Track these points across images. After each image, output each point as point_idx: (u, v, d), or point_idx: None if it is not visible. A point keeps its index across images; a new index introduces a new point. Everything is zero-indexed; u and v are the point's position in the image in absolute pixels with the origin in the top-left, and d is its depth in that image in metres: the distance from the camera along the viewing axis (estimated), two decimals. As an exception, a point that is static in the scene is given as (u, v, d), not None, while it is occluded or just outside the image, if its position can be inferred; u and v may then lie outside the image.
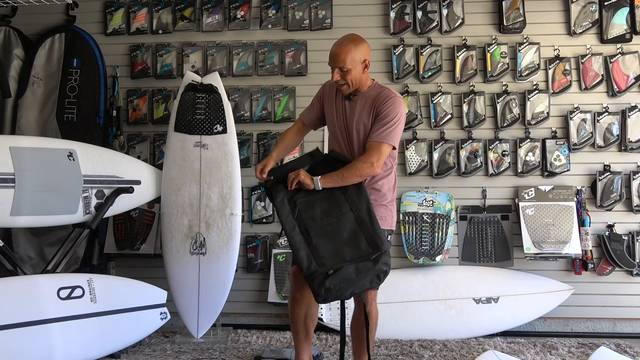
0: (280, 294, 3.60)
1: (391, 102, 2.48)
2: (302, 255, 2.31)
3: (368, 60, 2.51)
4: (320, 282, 2.23)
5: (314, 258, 2.31)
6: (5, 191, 2.83)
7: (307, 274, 2.28)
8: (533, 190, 3.62)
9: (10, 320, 2.66)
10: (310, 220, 2.39)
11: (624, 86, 3.62)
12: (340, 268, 2.25)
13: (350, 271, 2.25)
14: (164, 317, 3.25)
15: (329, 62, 2.52)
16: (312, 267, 2.28)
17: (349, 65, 2.45)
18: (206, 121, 3.39)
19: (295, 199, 2.44)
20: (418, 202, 3.66)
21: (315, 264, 2.29)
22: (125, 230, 3.72)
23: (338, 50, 2.48)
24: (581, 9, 3.67)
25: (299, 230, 2.38)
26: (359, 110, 2.54)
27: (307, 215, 2.40)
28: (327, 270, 2.25)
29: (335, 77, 2.48)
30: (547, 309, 3.50)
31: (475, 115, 3.68)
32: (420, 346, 3.28)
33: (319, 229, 2.37)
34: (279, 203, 2.44)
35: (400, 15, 3.76)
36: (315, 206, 2.42)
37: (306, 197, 2.43)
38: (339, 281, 2.23)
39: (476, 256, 3.64)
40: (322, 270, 2.26)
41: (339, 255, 2.31)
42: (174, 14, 3.89)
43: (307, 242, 2.34)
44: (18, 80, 3.82)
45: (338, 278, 2.23)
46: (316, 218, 2.40)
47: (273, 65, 3.82)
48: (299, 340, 2.60)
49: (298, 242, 2.35)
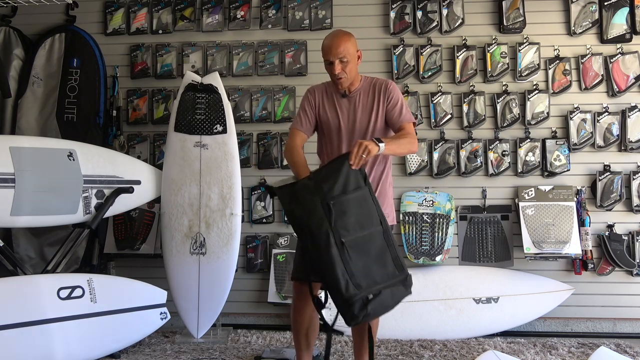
0: (280, 294, 3.60)
1: (392, 86, 2.53)
2: (337, 274, 2.03)
3: (360, 52, 2.53)
4: (360, 307, 2.02)
5: (350, 278, 2.04)
6: (5, 191, 2.83)
7: (345, 297, 2.02)
8: (533, 190, 3.62)
9: (10, 320, 2.66)
10: (344, 230, 2.09)
11: (624, 86, 3.62)
12: (379, 293, 2.06)
13: (387, 296, 2.08)
14: (164, 317, 3.25)
15: (327, 55, 2.47)
16: (351, 290, 2.02)
17: (348, 57, 2.44)
18: (206, 121, 3.39)
19: (328, 200, 2.11)
20: (418, 202, 3.66)
21: (353, 285, 2.04)
22: (125, 230, 3.72)
23: (336, 42, 2.46)
24: (581, 9, 3.67)
25: (334, 241, 2.06)
26: (361, 104, 2.51)
27: (341, 223, 2.09)
28: (367, 295, 2.03)
29: (337, 69, 2.43)
30: (547, 309, 3.50)
31: (475, 115, 3.68)
32: (420, 346, 3.28)
33: (351, 241, 2.09)
34: (308, 205, 2.11)
35: (400, 15, 3.76)
36: (348, 213, 2.12)
37: (339, 199, 2.12)
38: (377, 306, 2.06)
39: (476, 256, 3.64)
40: (361, 293, 2.03)
41: (369, 275, 2.08)
42: (174, 14, 3.89)
43: (342, 257, 2.06)
44: (18, 80, 3.83)
45: (377, 303, 2.05)
46: (349, 228, 2.10)
47: (273, 65, 3.82)
48: (301, 350, 2.55)
49: (334, 257, 2.04)
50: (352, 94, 2.54)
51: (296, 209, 2.15)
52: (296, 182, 2.22)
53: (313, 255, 2.12)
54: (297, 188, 2.18)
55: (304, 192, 2.14)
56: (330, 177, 2.15)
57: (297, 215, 2.15)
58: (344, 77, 2.46)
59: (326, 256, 2.06)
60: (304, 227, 2.13)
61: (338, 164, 2.19)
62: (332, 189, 2.13)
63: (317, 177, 2.18)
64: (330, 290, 2.10)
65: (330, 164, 2.23)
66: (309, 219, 2.11)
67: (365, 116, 2.50)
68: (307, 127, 2.58)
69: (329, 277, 2.07)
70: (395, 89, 2.53)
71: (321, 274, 2.11)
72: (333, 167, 2.19)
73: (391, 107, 2.49)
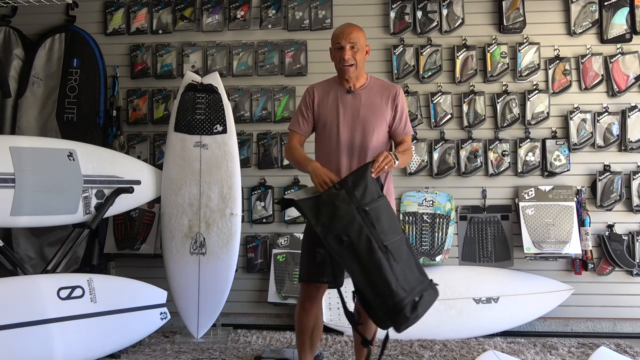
0: (280, 294, 3.60)
1: (402, 94, 2.55)
2: (388, 278, 2.05)
3: (369, 48, 2.54)
4: (411, 310, 2.05)
5: (397, 280, 2.06)
6: (5, 191, 2.83)
7: (396, 300, 2.04)
8: (533, 190, 3.62)
9: (10, 320, 2.66)
10: (383, 235, 2.12)
11: (624, 86, 3.62)
12: (421, 296, 2.09)
13: (427, 298, 2.12)
14: (164, 317, 3.25)
15: (338, 39, 2.45)
16: (401, 293, 2.05)
17: (358, 45, 2.44)
18: (206, 121, 3.39)
19: (363, 205, 2.14)
20: (418, 202, 3.66)
21: (401, 289, 2.06)
22: (125, 230, 3.72)
23: (349, 29, 2.46)
24: (581, 9, 3.67)
25: (377, 246, 2.09)
26: (368, 102, 2.48)
27: (379, 228, 2.12)
28: (413, 298, 2.07)
29: (347, 54, 2.42)
30: (547, 309, 3.50)
31: (475, 115, 3.68)
32: (420, 346, 3.28)
33: (390, 246, 2.12)
34: (343, 213, 2.11)
35: (400, 15, 3.76)
36: (382, 219, 2.16)
37: (373, 205, 2.16)
38: (422, 308, 2.10)
39: (476, 256, 3.64)
40: (409, 296, 2.06)
41: (407, 279, 2.11)
42: (174, 14, 3.89)
43: (388, 260, 2.08)
44: (18, 80, 3.83)
45: (422, 305, 2.09)
46: (386, 232, 2.14)
47: (273, 65, 3.82)
48: (304, 351, 2.52)
49: (381, 261, 2.06)
50: (358, 90, 2.51)
51: (326, 220, 2.13)
52: (321, 194, 2.20)
53: (351, 266, 2.10)
54: (324, 199, 2.17)
55: (337, 201, 2.15)
56: (359, 184, 2.18)
57: (329, 226, 2.12)
58: (353, 63, 2.44)
59: (370, 262, 2.07)
60: (341, 236, 2.10)
61: (363, 172, 2.22)
62: (364, 195, 2.16)
63: (347, 186, 2.18)
64: (378, 296, 2.08)
65: (356, 172, 2.25)
66: (347, 228, 2.11)
67: (370, 114, 2.47)
68: (305, 128, 2.57)
69: (377, 283, 2.07)
70: (404, 98, 2.57)
71: (366, 282, 2.10)
72: (359, 175, 2.21)
73: (398, 116, 2.51)
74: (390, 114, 2.49)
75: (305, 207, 2.19)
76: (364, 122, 2.46)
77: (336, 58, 2.49)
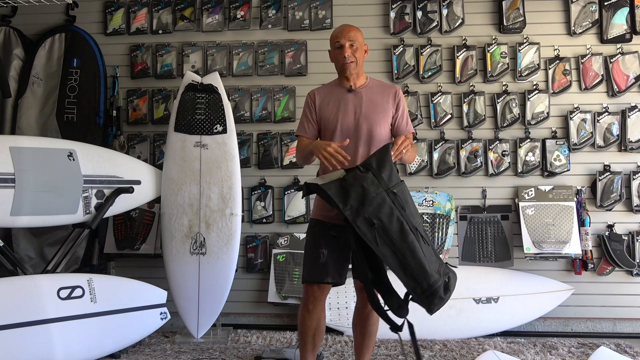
0: (280, 294, 3.60)
1: (401, 93, 2.56)
2: (422, 260, 2.06)
3: (367, 47, 2.57)
4: (444, 290, 2.08)
5: (429, 263, 2.08)
6: (5, 191, 2.83)
7: (430, 282, 2.06)
8: (533, 190, 3.62)
9: (10, 320, 2.66)
10: (412, 217, 2.13)
11: (624, 86, 3.62)
12: (449, 277, 2.12)
13: (453, 280, 2.15)
14: (164, 317, 3.25)
15: (337, 38, 2.47)
16: (435, 275, 2.07)
17: (357, 44, 2.47)
18: (206, 121, 3.39)
19: (392, 187, 2.14)
20: (418, 202, 3.66)
21: (434, 270, 2.08)
22: (125, 230, 3.72)
23: (347, 28, 2.50)
24: (581, 9, 3.67)
25: (409, 228, 2.09)
26: (369, 100, 2.48)
27: (408, 210, 2.14)
28: (445, 279, 2.10)
29: (347, 51, 2.44)
30: (547, 309, 3.50)
31: (475, 115, 3.68)
32: (420, 346, 3.27)
33: (419, 227, 2.14)
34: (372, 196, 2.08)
35: (400, 15, 3.76)
36: (409, 201, 2.18)
37: (400, 187, 2.18)
38: (451, 291, 2.13)
39: (476, 256, 3.64)
40: (441, 278, 2.09)
41: (433, 261, 2.12)
42: (174, 14, 3.89)
43: (420, 243, 2.09)
44: (18, 80, 3.83)
45: (451, 287, 2.13)
46: (415, 215, 2.17)
47: (273, 65, 3.82)
48: (306, 351, 2.52)
49: (414, 243, 2.06)
50: (358, 89, 2.51)
51: (356, 204, 2.08)
52: (345, 177, 2.15)
53: (382, 250, 2.06)
54: (351, 181, 2.12)
55: (365, 184, 2.11)
56: (385, 167, 2.17)
57: (359, 209, 2.08)
58: (353, 60, 2.46)
59: (403, 244, 2.06)
60: (372, 219, 2.07)
61: (384, 154, 2.19)
62: (390, 177, 2.16)
63: (372, 168, 2.15)
64: (412, 279, 2.06)
65: (377, 154, 2.22)
66: (379, 211, 2.08)
67: (372, 112, 2.46)
68: (311, 131, 2.55)
69: (411, 264, 2.06)
70: (404, 97, 2.59)
71: (399, 265, 2.07)
72: (381, 157, 2.19)
73: (400, 115, 2.52)
74: (392, 111, 2.50)
75: (331, 191, 2.12)
76: (366, 118, 2.45)
77: (336, 57, 2.50)
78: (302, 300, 2.50)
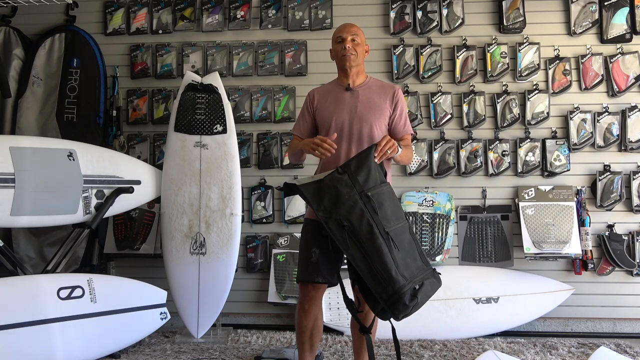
0: (280, 294, 3.60)
1: (401, 94, 2.56)
2: (388, 264, 2.04)
3: (368, 47, 2.59)
4: (411, 297, 2.04)
5: (397, 268, 2.05)
6: (5, 191, 2.83)
7: (396, 288, 2.03)
8: (533, 190, 3.62)
9: (10, 320, 2.66)
10: (385, 221, 2.11)
11: (624, 86, 3.62)
12: (422, 284, 2.09)
13: (428, 287, 2.11)
14: (164, 317, 3.25)
15: (340, 33, 2.51)
16: (400, 280, 2.04)
17: (358, 40, 2.49)
18: (206, 121, 3.39)
19: (366, 191, 2.13)
20: (418, 202, 3.66)
21: (401, 276, 2.05)
22: (125, 230, 3.73)
23: (350, 25, 2.54)
24: (581, 9, 3.67)
25: (379, 232, 2.07)
26: (366, 98, 2.48)
27: (381, 214, 2.11)
28: (414, 285, 2.06)
29: (348, 43, 2.46)
30: (547, 309, 3.50)
31: (475, 115, 3.68)
32: (420, 346, 3.28)
33: (392, 232, 2.11)
34: (345, 198, 2.09)
35: (400, 15, 3.76)
36: (384, 205, 2.15)
37: (376, 190, 2.16)
38: (423, 296, 2.08)
39: (476, 256, 3.65)
40: (409, 284, 2.05)
41: (408, 267, 2.10)
42: (174, 14, 3.89)
43: (389, 247, 2.07)
44: (18, 80, 3.83)
45: (423, 293, 2.08)
46: (389, 219, 2.13)
47: (273, 65, 3.82)
48: (304, 351, 2.51)
49: (381, 247, 2.05)
50: (356, 87, 2.52)
51: (329, 205, 2.11)
52: (323, 178, 2.17)
53: (352, 252, 2.08)
54: (327, 183, 2.15)
55: (339, 186, 2.13)
56: (362, 169, 2.17)
57: (331, 210, 2.10)
58: (354, 54, 2.48)
59: (371, 247, 2.06)
60: (342, 221, 2.09)
61: (365, 156, 2.20)
62: (367, 180, 2.16)
63: (350, 170, 2.17)
64: (378, 283, 2.06)
65: (358, 156, 2.23)
66: (349, 213, 2.10)
67: (367, 110, 2.46)
68: (305, 131, 2.59)
69: (377, 269, 2.05)
70: (403, 98, 2.59)
71: (366, 268, 2.07)
72: (361, 159, 2.20)
73: (398, 115, 2.51)
74: (390, 112, 2.50)
75: (308, 191, 2.16)
76: (360, 118, 2.45)
77: (337, 51, 2.52)
78: (298, 300, 2.50)
